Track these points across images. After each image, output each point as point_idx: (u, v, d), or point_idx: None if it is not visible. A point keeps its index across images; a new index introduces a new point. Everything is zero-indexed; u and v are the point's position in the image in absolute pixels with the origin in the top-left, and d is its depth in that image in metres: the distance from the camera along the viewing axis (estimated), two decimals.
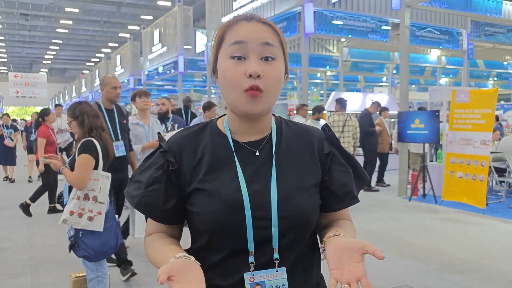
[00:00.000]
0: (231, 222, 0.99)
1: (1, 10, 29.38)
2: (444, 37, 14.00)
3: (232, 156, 1.05)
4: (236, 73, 0.99)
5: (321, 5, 10.99)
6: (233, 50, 1.00)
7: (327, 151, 1.12)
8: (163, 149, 1.07)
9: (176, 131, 1.39)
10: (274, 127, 1.12)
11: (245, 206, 1.00)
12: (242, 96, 1.00)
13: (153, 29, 22.69)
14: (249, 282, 1.00)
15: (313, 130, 1.17)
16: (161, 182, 1.04)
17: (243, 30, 1.01)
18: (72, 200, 2.84)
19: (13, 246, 5.17)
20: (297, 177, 1.07)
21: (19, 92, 44.29)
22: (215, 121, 1.14)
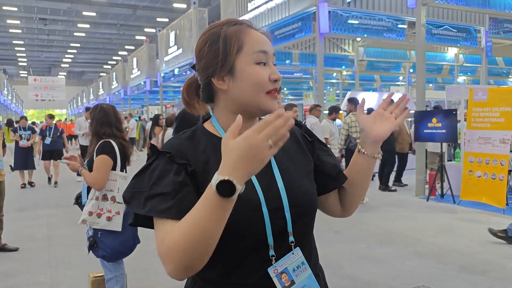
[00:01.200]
0: (252, 220, 1.02)
1: (21, 15, 29.98)
2: (462, 35, 13.80)
3: None
4: (265, 76, 1.09)
5: (336, 5, 10.96)
6: (259, 57, 1.09)
7: (311, 139, 1.25)
8: (169, 154, 1.04)
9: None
10: None
11: (261, 202, 1.04)
12: (265, 97, 1.09)
13: (169, 31, 22.88)
14: (274, 275, 1.04)
15: None
16: (188, 184, 1.02)
17: (260, 39, 1.12)
18: (90, 201, 2.89)
19: (34, 246, 5.27)
20: (295, 166, 1.16)
21: (39, 95, 45.08)
22: (201, 126, 1.15)
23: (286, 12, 11.75)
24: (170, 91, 30.57)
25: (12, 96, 46.94)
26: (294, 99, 30.16)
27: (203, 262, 0.95)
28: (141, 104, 40.28)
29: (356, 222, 5.62)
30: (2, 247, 5.07)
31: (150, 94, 29.16)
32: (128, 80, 33.17)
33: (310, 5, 10.74)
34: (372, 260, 4.55)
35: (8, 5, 27.36)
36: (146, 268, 4.33)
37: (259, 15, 13.22)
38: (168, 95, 32.13)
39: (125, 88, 34.54)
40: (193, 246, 0.91)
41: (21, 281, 4.16)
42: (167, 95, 31.71)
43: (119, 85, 37.06)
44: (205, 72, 1.11)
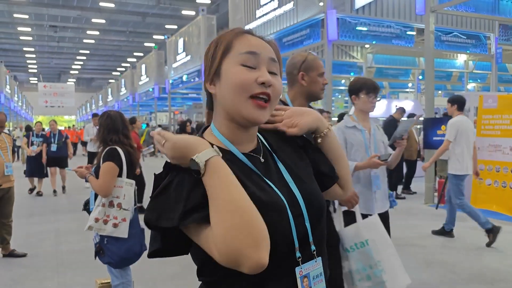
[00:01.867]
0: (281, 225, 1.01)
1: (32, 23, 30.35)
2: (471, 42, 13.73)
3: (250, 168, 1.06)
4: (247, 77, 1.02)
5: (344, 12, 10.95)
6: (245, 58, 1.04)
7: (301, 143, 1.23)
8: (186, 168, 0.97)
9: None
10: (258, 134, 1.18)
11: (287, 207, 1.04)
12: (247, 102, 1.02)
13: (177, 38, 23.01)
14: (299, 276, 1.04)
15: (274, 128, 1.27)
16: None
17: (254, 42, 1.07)
18: (97, 207, 2.89)
19: (42, 252, 5.29)
20: (301, 170, 1.15)
21: (48, 101, 45.51)
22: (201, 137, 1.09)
23: (294, 19, 11.77)
24: (179, 97, 30.67)
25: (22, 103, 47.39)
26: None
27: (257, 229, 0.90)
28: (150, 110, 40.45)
29: None
30: (11, 253, 5.09)
31: (159, 101, 29.28)
32: (136, 86, 33.37)
33: (319, 12, 10.75)
34: None
35: (19, 12, 27.71)
36: (154, 277, 4.32)
37: (267, 22, 13.26)
38: (176, 102, 32.24)
39: (134, 95, 34.73)
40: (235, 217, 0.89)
41: (29, 287, 4.16)
42: (175, 102, 31.81)
43: (128, 91, 37.28)
44: (204, 78, 1.13)
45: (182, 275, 4.28)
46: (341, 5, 11.29)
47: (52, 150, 9.57)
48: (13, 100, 36.18)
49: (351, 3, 10.96)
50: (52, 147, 9.60)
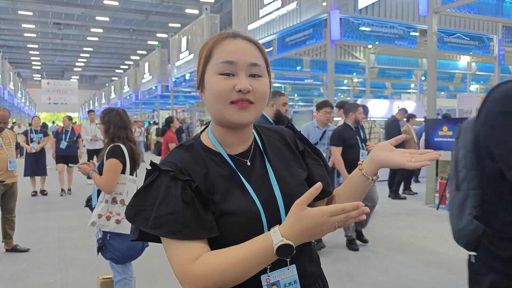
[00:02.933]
0: (251, 230, 1.03)
1: (36, 20, 30.42)
2: (474, 43, 13.73)
3: (234, 171, 1.10)
4: (225, 85, 1.05)
5: (347, 12, 10.96)
6: (222, 68, 1.06)
7: (302, 148, 1.24)
8: (172, 172, 1.04)
9: None
10: (256, 135, 1.19)
11: (261, 214, 1.05)
12: (228, 107, 1.05)
13: (180, 36, 23.05)
14: (265, 284, 1.03)
15: (282, 130, 1.27)
16: (194, 203, 1.02)
17: (230, 49, 1.08)
18: (100, 204, 2.92)
19: (44, 248, 5.33)
20: (291, 175, 1.15)
21: (51, 98, 45.62)
22: (198, 139, 1.16)
23: (297, 19, 11.78)
24: (181, 96, 30.74)
25: (25, 99, 47.56)
26: (304, 105, 30.15)
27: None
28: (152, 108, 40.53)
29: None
30: (14, 248, 5.13)
31: (161, 99, 29.36)
32: (139, 84, 33.44)
33: (322, 12, 10.76)
34: (380, 269, 4.53)
35: (24, 9, 27.79)
36: (155, 272, 4.36)
37: (270, 22, 13.28)
38: (179, 100, 32.32)
39: (137, 93, 34.82)
40: (229, 282, 0.98)
41: (32, 282, 4.21)
42: (178, 100, 31.89)
43: (131, 89, 37.36)
44: (196, 86, 1.17)
45: None
46: (344, 5, 11.29)
47: (61, 148, 9.06)
48: (16, 97, 36.32)
49: (354, 3, 10.97)
50: (62, 144, 9.05)
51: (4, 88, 27.95)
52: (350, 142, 5.09)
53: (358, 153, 5.05)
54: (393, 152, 1.09)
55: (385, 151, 1.10)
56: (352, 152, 5.04)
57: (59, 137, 9.13)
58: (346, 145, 5.06)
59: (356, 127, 5.25)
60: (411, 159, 1.05)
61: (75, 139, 9.23)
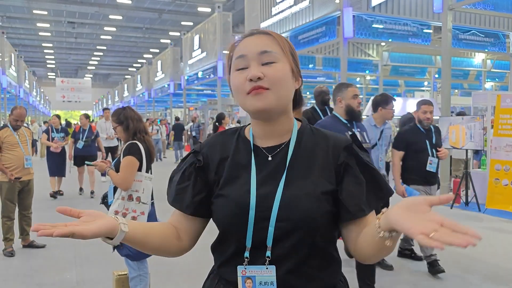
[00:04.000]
0: (237, 221, 1.09)
1: (50, 19, 30.76)
2: (490, 40, 13.55)
3: (250, 160, 1.14)
4: (239, 79, 1.10)
5: (360, 9, 10.91)
6: (237, 63, 1.12)
7: (340, 162, 1.11)
8: (194, 150, 1.22)
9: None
10: (295, 133, 1.17)
11: (250, 207, 1.08)
12: (247, 98, 1.09)
13: (193, 34, 23.13)
14: (241, 275, 1.08)
15: (332, 137, 1.17)
16: (190, 180, 1.18)
17: (244, 45, 1.13)
18: (116, 200, 2.96)
19: (60, 244, 5.40)
20: (308, 183, 1.08)
21: (65, 96, 46.04)
22: (244, 128, 1.23)
23: (310, 16, 11.75)
24: (194, 94, 30.86)
25: (40, 97, 48.16)
26: None
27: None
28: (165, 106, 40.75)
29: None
30: (31, 244, 5.22)
31: (174, 97, 29.51)
32: (152, 82, 33.65)
33: (335, 10, 10.72)
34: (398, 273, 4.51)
35: (39, 9, 28.12)
36: (169, 269, 4.40)
37: (283, 20, 13.26)
38: (191, 98, 32.43)
39: (149, 91, 35.03)
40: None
41: (48, 278, 4.27)
42: (190, 98, 32.00)
43: (144, 87, 37.60)
44: (229, 86, 1.22)
45: (197, 269, 4.36)
46: (357, 2, 11.24)
47: (78, 147, 8.62)
48: (31, 95, 36.81)
49: (367, 0, 10.91)
50: (79, 144, 8.62)
51: (20, 87, 28.34)
52: (416, 146, 4.37)
53: (425, 160, 4.33)
54: (415, 213, 0.84)
55: (404, 209, 0.86)
56: (418, 158, 4.33)
57: (76, 137, 8.74)
58: (410, 149, 4.36)
59: (427, 129, 4.44)
60: (431, 233, 0.78)
61: (93, 138, 8.83)
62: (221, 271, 1.16)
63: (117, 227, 1.00)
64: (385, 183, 1.14)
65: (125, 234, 1.02)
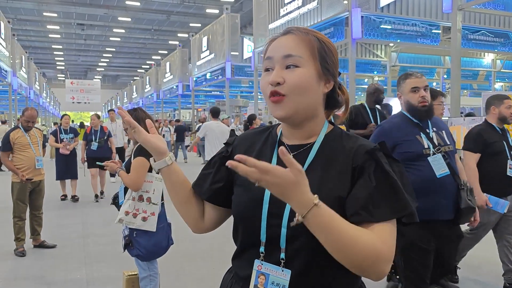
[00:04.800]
0: (250, 213, 1.11)
1: (60, 21, 31.04)
2: (499, 40, 13.44)
3: (273, 154, 1.17)
4: (264, 81, 1.12)
5: (369, 10, 10.88)
6: (265, 64, 1.14)
7: (355, 165, 1.07)
8: (227, 142, 1.28)
9: None
10: (322, 136, 1.14)
11: (264, 201, 1.09)
12: (269, 102, 1.11)
13: (201, 36, 23.21)
14: (256, 269, 1.08)
15: (359, 142, 1.12)
16: (213, 168, 1.25)
17: (273, 46, 1.13)
18: (127, 201, 2.99)
19: (70, 244, 5.45)
20: (323, 186, 1.05)
21: (75, 98, 46.44)
22: (277, 125, 1.26)
23: (318, 17, 11.75)
24: (202, 95, 30.97)
25: (50, 99, 48.58)
26: None
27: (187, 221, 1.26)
28: (173, 107, 40.92)
29: None
30: (41, 244, 5.27)
31: (182, 98, 29.63)
32: (160, 84, 33.81)
33: (343, 11, 10.71)
34: None
35: (48, 11, 28.39)
36: (178, 269, 4.42)
37: (291, 20, 13.27)
38: (199, 99, 32.56)
39: (158, 92, 35.20)
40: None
41: (59, 277, 4.31)
42: (199, 99, 32.14)
43: (152, 88, 37.78)
44: None
45: (206, 269, 4.38)
46: (365, 3, 11.21)
47: (92, 149, 8.19)
48: (41, 96, 37.13)
49: (376, 1, 10.88)
50: (93, 145, 8.21)
51: (30, 88, 28.60)
52: (493, 148, 3.67)
53: (505, 164, 3.62)
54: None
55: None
56: (496, 162, 3.63)
57: (88, 139, 8.29)
58: (487, 152, 3.64)
59: (502, 128, 3.79)
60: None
61: (105, 139, 8.40)
62: (234, 264, 1.20)
63: (165, 155, 1.16)
64: (403, 196, 1.05)
65: (166, 164, 1.16)
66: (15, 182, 5.04)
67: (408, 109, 2.87)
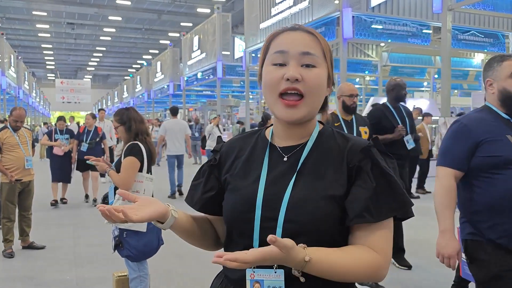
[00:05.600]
0: (242, 217, 1.08)
1: (50, 20, 30.78)
2: (489, 40, 13.56)
3: (264, 158, 1.13)
4: (275, 75, 1.05)
5: (360, 10, 10.92)
6: (275, 58, 1.06)
7: (352, 164, 1.06)
8: (215, 149, 1.24)
9: None
10: (314, 136, 1.13)
11: (257, 205, 1.06)
12: (278, 101, 1.05)
13: (192, 35, 23.15)
14: (249, 278, 1.03)
15: (352, 140, 1.11)
16: (203, 177, 1.22)
17: (285, 40, 1.08)
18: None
19: (60, 245, 5.40)
20: (318, 186, 1.05)
21: (65, 97, 46.07)
22: (267, 127, 1.22)
23: (310, 17, 11.77)
24: (193, 94, 30.88)
25: (39, 98, 48.15)
26: None
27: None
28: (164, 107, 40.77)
29: None
30: (30, 245, 5.21)
31: (173, 98, 29.52)
32: (151, 83, 33.67)
33: (334, 10, 10.73)
34: (395, 269, 4.51)
35: (38, 10, 28.13)
36: (169, 270, 4.39)
37: (282, 20, 13.27)
38: (190, 99, 32.44)
39: (149, 92, 35.05)
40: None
41: (48, 279, 4.27)
42: (190, 99, 32.02)
43: (143, 88, 37.63)
44: (259, 78, 1.17)
45: (196, 269, 4.36)
46: (356, 3, 11.26)
47: (82, 150, 7.73)
48: (31, 96, 36.79)
49: (367, 1, 10.92)
50: (83, 146, 7.78)
51: (19, 88, 28.33)
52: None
53: None
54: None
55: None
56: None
57: (80, 139, 7.89)
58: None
59: None
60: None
61: (97, 140, 7.99)
62: (226, 269, 1.15)
63: (168, 213, 1.08)
64: (401, 193, 1.05)
65: (175, 219, 1.09)
66: (4, 182, 4.99)
67: (503, 100, 2.14)
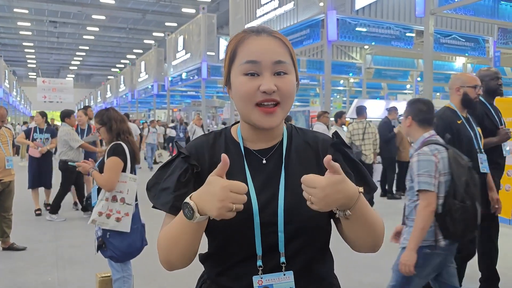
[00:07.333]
0: (241, 227, 1.05)
1: (32, 18, 30.29)
2: (470, 45, 13.80)
3: (243, 164, 1.11)
4: (249, 87, 1.04)
5: (344, 13, 11.00)
6: (246, 68, 1.05)
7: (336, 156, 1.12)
8: (184, 154, 1.12)
9: None
10: (285, 135, 1.15)
11: (254, 213, 1.05)
12: (254, 110, 1.05)
13: (177, 36, 23.03)
14: (257, 285, 1.03)
15: (319, 137, 1.19)
16: (188, 186, 1.09)
17: (254, 48, 1.06)
18: (100, 202, 2.94)
19: (42, 246, 5.33)
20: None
21: (47, 97, 45.36)
22: (229, 129, 1.19)
23: (294, 19, 11.81)
24: (177, 95, 30.72)
25: (20, 97, 47.33)
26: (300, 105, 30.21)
27: (182, 262, 1.08)
28: (148, 107, 40.48)
29: None
30: (11, 246, 5.13)
31: (157, 98, 29.32)
32: (135, 83, 33.38)
33: (319, 13, 10.79)
34: (377, 268, 4.55)
35: (19, 7, 27.67)
36: (153, 270, 4.37)
37: (267, 22, 13.29)
38: (175, 99, 32.28)
39: (133, 92, 34.75)
40: (169, 247, 1.07)
41: (29, 280, 4.21)
42: (174, 99, 31.86)
43: (127, 88, 37.29)
44: (224, 82, 1.16)
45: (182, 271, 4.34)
46: (341, 5, 11.34)
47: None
48: (11, 95, 36.12)
49: (351, 4, 11.01)
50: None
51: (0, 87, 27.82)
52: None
53: None
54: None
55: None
56: None
57: None
58: None
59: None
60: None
61: (91, 142, 7.24)
62: (222, 280, 1.11)
63: None
64: (370, 179, 1.17)
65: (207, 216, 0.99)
66: None
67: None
